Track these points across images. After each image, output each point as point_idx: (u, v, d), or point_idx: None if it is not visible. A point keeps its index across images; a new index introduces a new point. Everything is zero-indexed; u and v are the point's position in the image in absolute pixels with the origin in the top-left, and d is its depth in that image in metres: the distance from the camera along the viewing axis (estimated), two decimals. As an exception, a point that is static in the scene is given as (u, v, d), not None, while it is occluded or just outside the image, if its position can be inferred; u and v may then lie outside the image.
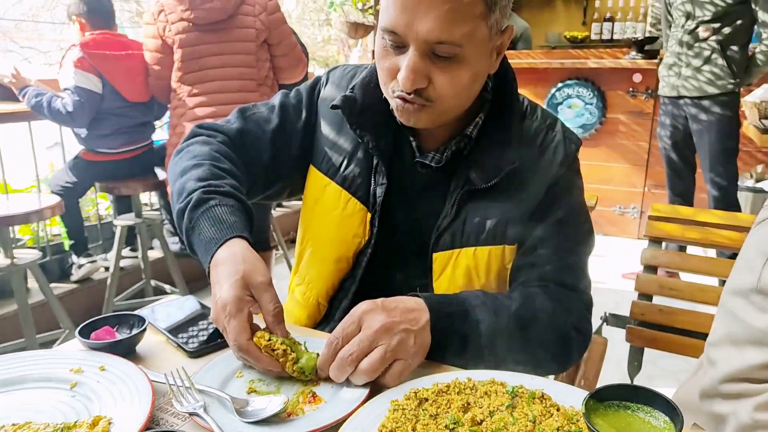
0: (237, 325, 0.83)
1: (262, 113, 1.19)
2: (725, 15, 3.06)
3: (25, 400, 0.82)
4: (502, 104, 1.05)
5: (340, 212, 1.11)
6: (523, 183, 1.04)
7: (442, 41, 0.88)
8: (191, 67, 2.68)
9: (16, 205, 2.42)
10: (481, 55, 0.94)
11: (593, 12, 6.86)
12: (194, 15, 2.60)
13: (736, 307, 0.78)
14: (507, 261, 1.06)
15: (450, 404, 0.77)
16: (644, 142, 4.39)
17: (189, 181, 1.01)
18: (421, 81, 0.91)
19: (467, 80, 0.94)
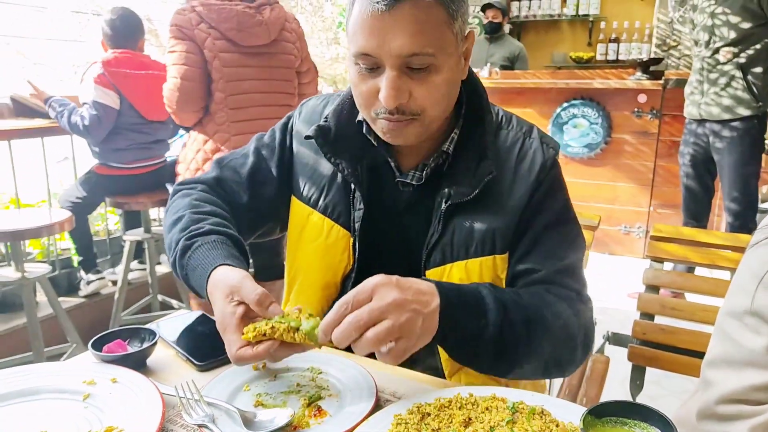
0: (227, 340, 0.87)
1: (237, 159, 1.23)
2: (745, 38, 3.05)
3: (39, 410, 0.85)
4: (476, 118, 1.09)
5: (324, 240, 1.13)
6: (506, 192, 1.06)
7: (415, 53, 0.91)
8: (236, 89, 2.55)
9: (28, 219, 2.46)
10: (452, 61, 0.97)
11: (599, 33, 6.93)
12: (240, 36, 2.49)
13: (731, 329, 0.80)
14: (499, 270, 1.07)
15: (452, 419, 0.79)
16: (650, 162, 4.41)
17: (174, 235, 1.07)
18: (403, 96, 0.94)
19: (445, 87, 0.97)
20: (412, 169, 1.10)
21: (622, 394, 1.44)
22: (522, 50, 5.55)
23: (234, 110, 2.55)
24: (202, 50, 2.45)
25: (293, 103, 2.71)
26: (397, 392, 0.90)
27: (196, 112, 2.54)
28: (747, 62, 3.09)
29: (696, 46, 3.31)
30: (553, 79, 4.70)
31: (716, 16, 3.11)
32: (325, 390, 0.90)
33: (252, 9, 2.52)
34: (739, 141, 3.16)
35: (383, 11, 0.90)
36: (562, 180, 1.13)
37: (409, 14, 0.90)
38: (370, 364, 0.97)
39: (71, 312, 2.92)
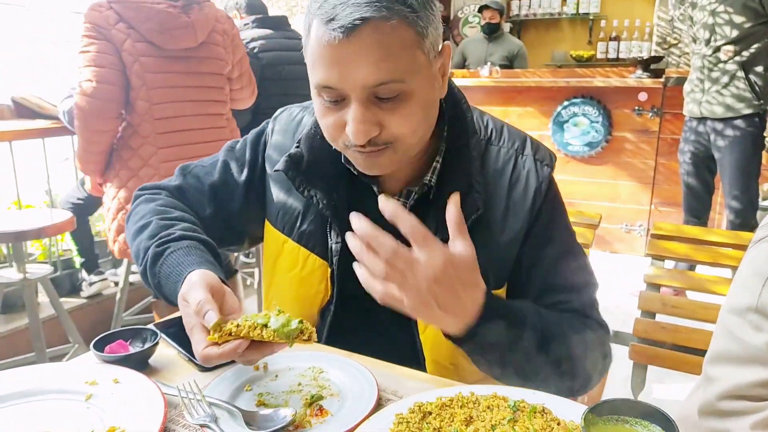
0: (193, 340, 0.83)
1: (203, 168, 1.17)
2: (746, 36, 3.05)
3: (41, 411, 0.85)
4: (459, 142, 1.00)
5: (300, 271, 1.07)
6: (499, 223, 1.00)
7: (382, 82, 0.83)
8: (161, 98, 2.28)
9: (29, 220, 2.46)
10: (427, 83, 0.89)
11: (599, 31, 6.93)
12: (162, 38, 2.23)
13: (733, 326, 0.80)
14: None
15: (453, 418, 0.79)
16: (651, 160, 4.41)
17: (142, 242, 1.02)
18: (373, 129, 0.86)
19: (420, 113, 0.89)
20: (396, 195, 1.03)
21: (624, 393, 1.44)
22: (521, 49, 5.56)
23: (160, 120, 2.28)
24: (120, 52, 2.18)
25: (224, 111, 2.52)
26: (399, 391, 0.90)
27: (111, 121, 2.25)
28: (748, 60, 3.09)
29: (696, 43, 3.31)
30: (553, 78, 4.70)
31: (717, 15, 3.10)
32: (326, 389, 0.91)
33: (176, 9, 2.26)
34: (740, 139, 3.16)
35: (341, 39, 0.81)
36: (559, 198, 1.07)
37: (371, 40, 0.81)
38: (371, 363, 0.97)
39: (73, 313, 2.93)
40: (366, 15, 0.80)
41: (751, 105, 3.11)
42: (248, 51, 3.08)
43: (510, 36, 5.83)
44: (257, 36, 3.14)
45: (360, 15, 0.80)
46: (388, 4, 0.82)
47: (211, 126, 2.45)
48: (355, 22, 0.80)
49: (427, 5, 0.87)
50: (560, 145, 4.57)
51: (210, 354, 0.81)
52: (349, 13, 0.80)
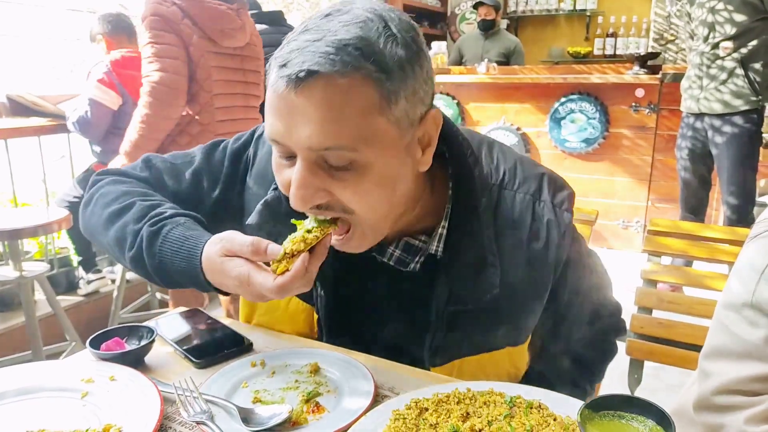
0: (257, 284, 0.78)
1: (172, 167, 1.06)
2: (745, 32, 3.05)
3: (38, 408, 0.85)
4: (467, 204, 0.90)
5: (284, 311, 1.03)
6: (522, 284, 0.93)
7: (327, 147, 0.73)
8: (220, 89, 2.52)
9: (25, 218, 2.46)
10: (390, 155, 0.77)
11: (596, 28, 6.93)
12: (222, 36, 2.48)
13: (729, 321, 0.80)
14: (515, 360, 1.00)
15: (450, 414, 0.79)
16: (647, 156, 4.41)
17: (128, 225, 0.93)
18: (317, 196, 0.77)
19: (376, 190, 0.78)
20: (391, 246, 0.94)
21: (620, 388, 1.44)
22: (518, 45, 5.56)
23: (219, 110, 2.54)
24: (188, 46, 2.38)
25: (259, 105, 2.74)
26: (395, 388, 0.90)
27: (179, 108, 2.45)
28: (746, 56, 3.09)
29: (693, 40, 3.31)
30: (550, 74, 4.70)
31: (716, 11, 3.10)
32: (323, 386, 0.90)
33: (233, 11, 2.51)
34: (738, 135, 3.17)
35: (288, 90, 0.71)
36: (578, 236, 1.02)
37: (320, 97, 0.71)
38: (368, 360, 0.97)
39: (70, 310, 2.93)
40: (314, 68, 0.70)
41: (749, 101, 3.12)
42: None
43: (506, 33, 5.83)
44: None
45: (309, 66, 0.70)
46: (349, 58, 0.71)
47: (252, 117, 2.70)
48: (300, 74, 0.70)
49: (404, 67, 0.75)
50: (557, 142, 4.57)
51: (285, 282, 0.76)
52: (300, 63, 0.71)
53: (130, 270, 0.96)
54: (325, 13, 0.76)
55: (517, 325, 0.97)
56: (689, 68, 3.38)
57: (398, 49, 0.74)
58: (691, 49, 3.35)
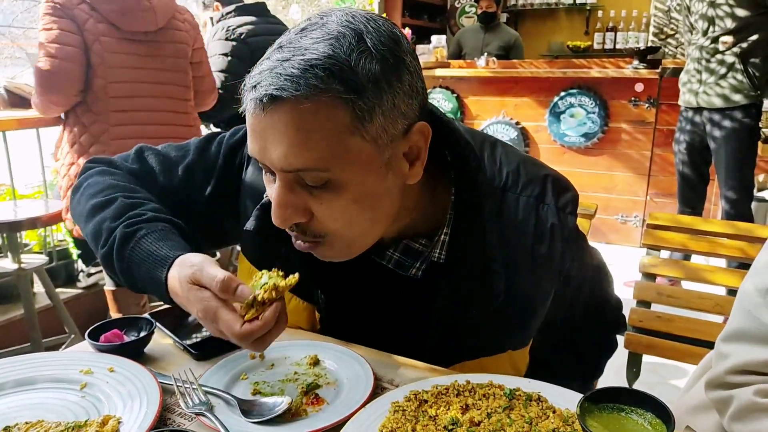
0: (222, 323, 0.75)
1: (164, 160, 1.04)
2: (745, 27, 3.04)
3: (36, 399, 0.85)
4: (470, 209, 0.89)
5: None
6: (526, 288, 0.92)
7: (298, 169, 0.73)
8: (118, 77, 2.31)
9: (24, 210, 2.45)
10: (368, 173, 0.76)
11: (596, 22, 6.92)
12: (123, 20, 2.29)
13: (751, 305, 0.80)
14: (518, 362, 1.00)
15: (449, 406, 0.79)
16: (647, 151, 4.41)
17: (105, 221, 0.92)
18: (297, 215, 0.77)
19: (355, 207, 0.77)
20: (390, 248, 0.93)
21: (619, 382, 1.45)
22: (517, 39, 5.55)
23: (115, 99, 2.32)
24: (82, 31, 2.24)
25: (188, 96, 2.55)
26: (395, 380, 0.90)
27: (70, 97, 2.30)
28: (746, 51, 3.08)
29: (693, 34, 3.30)
30: (550, 69, 4.69)
31: (716, 5, 3.09)
32: (322, 378, 0.90)
33: None
34: (737, 130, 3.16)
35: (260, 112, 0.72)
36: (582, 235, 1.01)
37: (287, 121, 0.70)
38: (367, 352, 0.97)
39: (69, 303, 2.92)
40: (278, 93, 0.69)
41: (748, 96, 3.11)
42: (235, 37, 3.08)
43: (506, 26, 5.82)
44: (242, 23, 3.14)
45: (273, 91, 0.69)
46: (315, 80, 0.69)
47: (172, 109, 2.47)
48: (264, 98, 0.70)
49: (381, 82, 0.72)
50: (556, 136, 4.57)
51: (252, 329, 0.73)
52: (267, 86, 0.70)
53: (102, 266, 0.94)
54: (301, 27, 0.75)
55: (520, 330, 0.96)
56: (688, 62, 3.37)
57: (372, 64, 0.72)
58: (690, 43, 3.34)
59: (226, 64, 3.09)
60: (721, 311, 1.43)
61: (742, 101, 3.12)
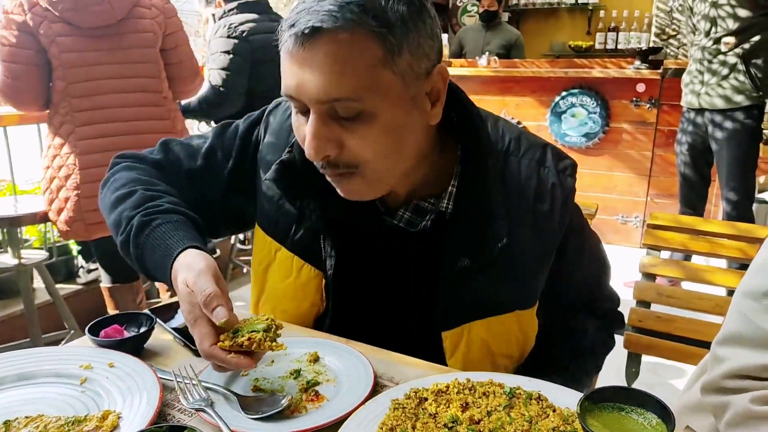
0: (197, 333, 0.79)
1: (187, 148, 1.10)
2: (748, 27, 3.04)
3: (36, 394, 0.85)
4: (476, 163, 0.93)
5: (294, 280, 1.02)
6: (529, 244, 0.96)
7: (334, 99, 0.78)
8: (78, 77, 2.24)
9: (24, 206, 2.45)
10: (396, 106, 0.81)
11: (598, 22, 6.91)
12: (78, 17, 2.19)
13: (748, 309, 0.80)
14: (523, 325, 1.01)
15: (449, 404, 0.80)
16: (648, 152, 4.41)
17: (125, 211, 0.96)
18: (329, 148, 0.81)
19: (385, 138, 0.82)
20: (402, 209, 0.97)
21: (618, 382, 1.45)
22: (519, 38, 5.54)
23: (78, 99, 2.25)
24: (37, 37, 2.19)
25: (160, 88, 2.43)
26: (395, 377, 0.90)
27: (37, 104, 2.32)
28: (748, 52, 3.07)
29: (695, 35, 3.29)
30: (551, 68, 4.69)
31: (719, 6, 3.09)
32: (322, 375, 0.91)
33: None
34: (739, 131, 3.16)
35: (299, 47, 0.77)
36: (583, 213, 1.07)
37: (326, 52, 0.76)
38: (367, 349, 0.97)
39: (69, 299, 2.92)
40: (318, 24, 0.76)
41: (750, 97, 3.10)
42: (237, 35, 3.07)
43: (507, 25, 5.80)
44: (244, 20, 3.14)
45: (313, 24, 0.76)
46: (351, 15, 0.76)
47: (142, 103, 2.38)
48: (305, 30, 0.76)
49: (408, 22, 0.79)
50: (557, 136, 4.56)
51: (217, 354, 0.77)
52: (306, 21, 0.76)
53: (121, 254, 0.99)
54: None
55: (523, 286, 0.99)
56: (690, 63, 3.36)
57: (400, 5, 0.79)
58: (693, 44, 3.33)
59: (228, 62, 3.09)
60: (721, 312, 1.43)
61: (744, 102, 3.11)
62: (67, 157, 2.26)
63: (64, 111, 2.27)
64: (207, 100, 3.14)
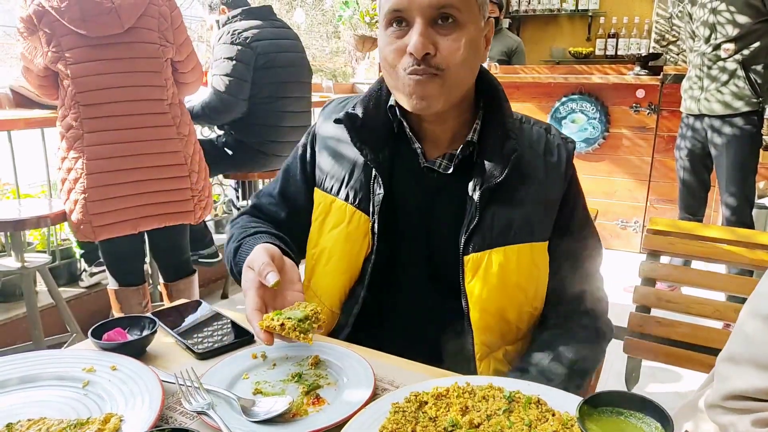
0: (247, 299, 0.95)
1: (271, 184, 1.32)
2: (747, 34, 3.05)
3: (39, 397, 0.85)
4: (494, 105, 1.12)
5: (346, 226, 1.15)
6: (540, 181, 1.11)
7: (443, 5, 0.97)
8: (86, 86, 2.28)
9: (28, 209, 2.46)
10: (476, 27, 1.02)
11: (598, 28, 6.92)
12: (86, 26, 2.23)
13: (752, 330, 0.79)
14: (536, 258, 1.11)
15: (449, 407, 0.80)
16: (647, 157, 4.42)
17: (230, 252, 1.19)
18: (430, 47, 0.98)
19: (467, 48, 1.01)
20: (439, 158, 1.13)
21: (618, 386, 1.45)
22: (519, 45, 5.56)
23: (86, 107, 2.29)
24: (50, 47, 2.25)
25: (164, 96, 2.46)
26: (395, 381, 0.91)
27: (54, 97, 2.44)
28: (748, 58, 3.09)
29: (694, 41, 3.31)
30: (552, 74, 4.70)
31: (718, 12, 3.10)
32: (323, 378, 0.91)
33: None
34: (738, 137, 3.16)
35: None
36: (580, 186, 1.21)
37: None
38: (368, 353, 0.98)
39: (71, 302, 2.93)
40: None
41: (749, 103, 3.11)
42: (240, 41, 3.09)
43: (508, 32, 5.82)
44: (248, 26, 3.16)
45: None
46: None
47: (147, 111, 2.41)
48: None
49: None
50: (558, 141, 4.57)
51: (251, 320, 0.91)
52: None
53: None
54: None
55: (534, 221, 1.10)
56: (690, 69, 3.37)
57: None
58: (692, 50, 3.35)
59: (231, 68, 3.10)
60: (721, 317, 1.44)
61: (744, 108, 3.12)
62: (75, 160, 2.31)
63: (74, 116, 2.31)
64: (210, 106, 3.15)
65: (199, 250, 3.43)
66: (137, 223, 2.42)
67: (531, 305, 1.13)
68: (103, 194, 2.31)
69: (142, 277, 2.66)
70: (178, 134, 2.48)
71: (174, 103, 2.51)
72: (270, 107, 3.25)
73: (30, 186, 3.41)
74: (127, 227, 2.41)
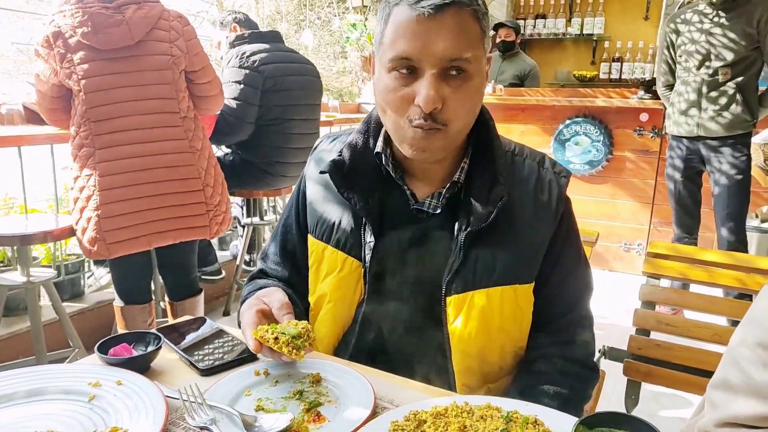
0: (247, 317, 1.02)
1: (271, 245, 1.32)
2: (741, 60, 3.17)
3: (45, 410, 0.87)
4: (484, 145, 1.10)
5: (338, 273, 1.14)
6: (528, 222, 1.08)
7: (456, 57, 0.95)
8: (97, 101, 2.28)
9: (35, 224, 2.49)
10: (481, 74, 1.01)
11: (602, 52, 6.98)
12: (97, 39, 2.25)
13: (741, 357, 0.80)
14: (520, 301, 1.08)
15: (447, 426, 0.81)
16: (651, 180, 4.43)
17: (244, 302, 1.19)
18: (439, 101, 0.96)
19: (474, 98, 1.00)
20: (427, 198, 1.11)
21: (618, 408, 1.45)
22: (534, 68, 5.59)
23: (97, 123, 2.29)
24: (62, 66, 2.26)
25: (177, 108, 2.43)
26: (395, 400, 0.92)
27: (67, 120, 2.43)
28: (743, 82, 3.20)
29: (682, 67, 3.39)
30: (556, 97, 4.74)
31: (715, 36, 3.20)
32: (324, 396, 0.93)
33: (109, 9, 2.28)
34: (738, 156, 3.26)
35: (429, 15, 0.93)
36: (573, 217, 1.19)
37: (452, 21, 0.94)
38: (368, 372, 0.99)
39: (74, 317, 2.95)
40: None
41: (746, 125, 3.23)
42: (249, 65, 3.13)
43: (525, 55, 5.81)
44: (257, 50, 3.20)
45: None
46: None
47: (159, 124, 2.39)
48: (440, 4, 0.93)
49: (486, 15, 1.01)
50: (561, 163, 4.59)
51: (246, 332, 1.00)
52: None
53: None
54: None
55: (521, 263, 1.08)
56: (685, 91, 3.42)
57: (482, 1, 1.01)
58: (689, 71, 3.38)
59: (238, 92, 3.14)
60: (720, 341, 1.44)
61: (741, 131, 3.22)
62: (87, 178, 2.29)
63: (85, 134, 2.30)
64: (217, 128, 3.19)
65: (202, 267, 3.45)
66: (151, 239, 2.38)
67: (515, 345, 1.12)
68: (117, 210, 2.28)
69: (148, 296, 2.65)
70: (191, 148, 2.45)
71: (188, 117, 2.49)
72: (277, 129, 3.29)
73: (37, 201, 3.44)
74: (142, 243, 2.36)
